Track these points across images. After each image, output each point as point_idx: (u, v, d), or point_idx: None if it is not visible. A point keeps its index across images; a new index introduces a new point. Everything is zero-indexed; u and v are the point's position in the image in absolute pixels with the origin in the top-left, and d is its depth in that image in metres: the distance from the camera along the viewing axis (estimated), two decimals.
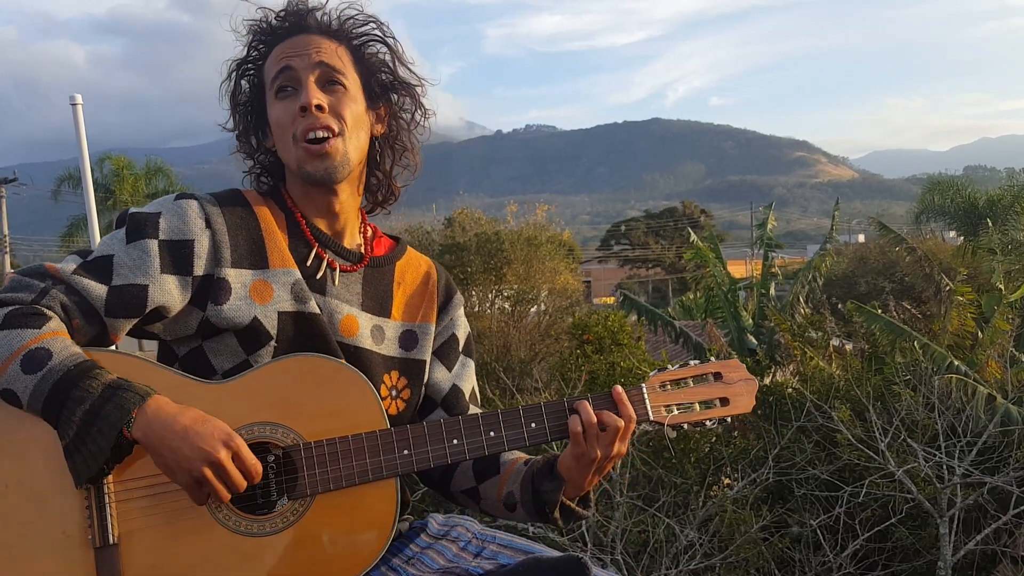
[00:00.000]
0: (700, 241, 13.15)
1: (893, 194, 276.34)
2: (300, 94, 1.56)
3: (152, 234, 1.50)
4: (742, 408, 1.65)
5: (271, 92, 1.59)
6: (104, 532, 1.40)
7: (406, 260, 1.75)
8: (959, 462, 6.69)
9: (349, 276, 1.65)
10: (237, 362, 1.53)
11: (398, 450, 1.51)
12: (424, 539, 1.66)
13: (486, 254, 15.38)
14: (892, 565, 6.99)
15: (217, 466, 1.37)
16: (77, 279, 1.46)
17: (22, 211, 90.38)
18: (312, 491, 1.47)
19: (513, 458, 1.71)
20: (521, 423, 1.56)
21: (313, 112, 1.54)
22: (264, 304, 1.54)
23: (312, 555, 1.47)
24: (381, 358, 1.65)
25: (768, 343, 11.76)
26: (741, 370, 1.67)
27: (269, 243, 1.57)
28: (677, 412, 1.62)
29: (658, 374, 1.65)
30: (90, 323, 1.46)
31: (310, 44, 1.58)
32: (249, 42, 1.62)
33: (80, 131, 4.19)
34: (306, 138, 1.55)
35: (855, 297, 13.07)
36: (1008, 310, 10.05)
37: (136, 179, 24.84)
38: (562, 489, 1.59)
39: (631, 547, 6.05)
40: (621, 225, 54.26)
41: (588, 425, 1.53)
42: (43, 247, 40.88)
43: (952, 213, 19.86)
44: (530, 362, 11.89)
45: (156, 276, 1.48)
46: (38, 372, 1.36)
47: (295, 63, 1.56)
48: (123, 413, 1.35)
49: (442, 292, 1.77)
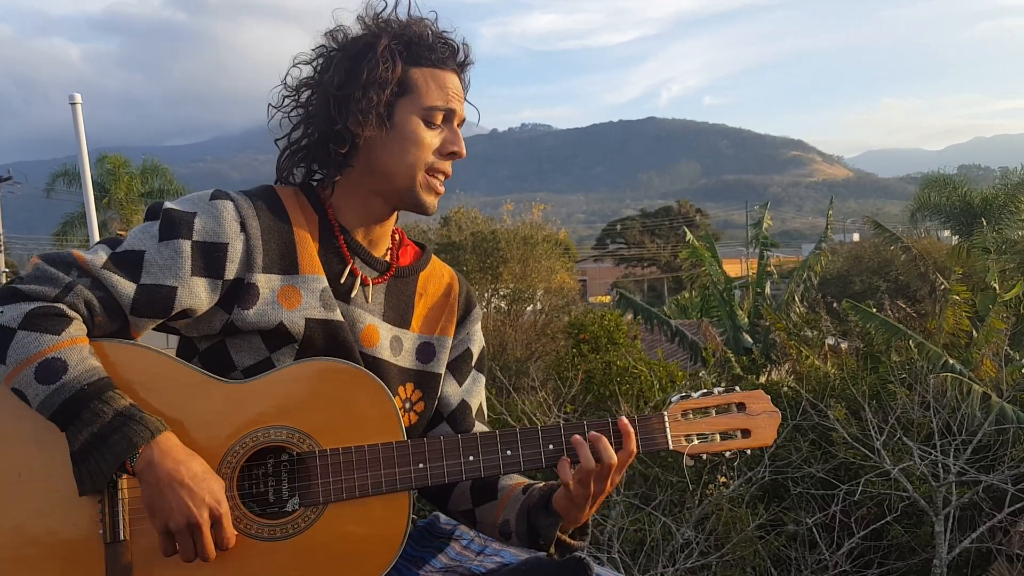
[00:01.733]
0: (696, 240, 13.17)
1: (888, 193, 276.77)
2: (452, 136, 1.60)
3: (186, 234, 1.47)
4: (763, 441, 1.62)
5: (420, 110, 1.58)
6: (115, 528, 1.40)
7: (430, 270, 1.73)
8: (954, 460, 6.71)
9: (376, 287, 1.64)
10: (259, 359, 1.52)
11: (414, 463, 1.50)
12: (427, 538, 1.67)
13: (482, 253, 15.38)
14: (888, 563, 7.01)
15: (195, 528, 1.37)
16: (106, 274, 1.43)
17: (17, 209, 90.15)
18: (325, 499, 1.46)
19: (511, 484, 1.69)
20: (539, 443, 1.54)
21: (453, 162, 1.62)
22: (292, 309, 1.53)
23: (321, 563, 1.46)
24: (397, 369, 1.64)
25: (764, 342, 11.78)
26: (765, 401, 1.64)
27: (300, 248, 1.55)
28: (697, 442, 1.59)
29: (681, 401, 1.62)
30: (113, 320, 1.45)
31: (461, 90, 1.63)
32: (390, 44, 1.57)
33: (79, 130, 4.19)
34: (437, 178, 1.61)
35: (850, 296, 13.10)
36: (1003, 309, 10.09)
37: (132, 177, 24.77)
38: (558, 526, 1.57)
39: (628, 546, 6.07)
40: (617, 224, 54.25)
41: (584, 470, 1.50)
42: (38, 246, 40.75)
43: (947, 212, 19.91)
44: (526, 361, 11.89)
45: (186, 278, 1.46)
46: (51, 384, 1.35)
47: (457, 107, 1.61)
48: (130, 446, 1.34)
49: (462, 305, 1.76)
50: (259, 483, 1.49)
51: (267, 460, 1.49)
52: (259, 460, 1.49)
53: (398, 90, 1.56)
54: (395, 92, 1.56)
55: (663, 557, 5.93)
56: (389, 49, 1.56)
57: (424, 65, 1.58)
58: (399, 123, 1.57)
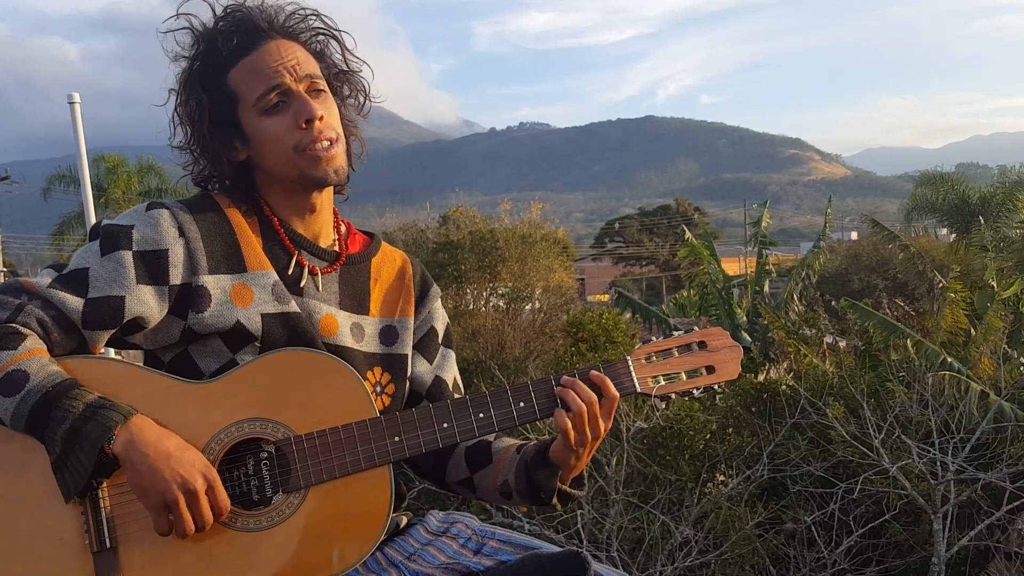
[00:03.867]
0: (694, 239, 13.18)
1: (886, 192, 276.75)
2: (297, 107, 1.55)
3: (126, 245, 1.50)
4: (728, 375, 1.66)
5: (255, 108, 1.55)
6: (101, 537, 1.41)
7: (381, 256, 1.75)
8: (952, 459, 6.72)
9: (327, 276, 1.65)
10: (223, 362, 1.54)
11: (389, 437, 1.51)
12: (424, 536, 1.67)
13: (481, 252, 15.36)
14: (886, 561, 7.02)
15: (192, 495, 1.38)
16: (53, 293, 1.46)
17: (15, 209, 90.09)
18: (306, 483, 1.48)
19: (505, 446, 1.72)
20: (510, 403, 1.57)
21: (317, 123, 1.55)
22: (246, 307, 1.55)
23: (310, 546, 1.47)
24: (363, 355, 1.65)
25: (762, 340, 11.79)
26: (725, 337, 1.67)
27: (244, 246, 1.58)
28: (664, 383, 1.63)
29: (643, 346, 1.66)
30: (69, 336, 1.47)
31: (287, 54, 1.56)
32: (200, 51, 1.58)
33: (78, 130, 4.18)
34: (313, 148, 1.55)
35: (848, 294, 13.11)
36: (1001, 307, 10.11)
37: (128, 177, 24.75)
38: (557, 475, 1.62)
39: (627, 544, 6.07)
40: (615, 223, 54.23)
41: (576, 415, 1.55)
42: (36, 245, 40.74)
43: (944, 210, 19.92)
44: (525, 360, 11.89)
45: (132, 287, 1.49)
46: (16, 395, 1.37)
47: (286, 79, 1.55)
48: (104, 431, 1.35)
49: (418, 285, 1.78)
50: (240, 480, 1.50)
51: (244, 454, 1.50)
52: (236, 455, 1.50)
53: (228, 106, 1.57)
54: (226, 110, 1.57)
55: (662, 555, 5.93)
56: (189, 83, 1.58)
57: (237, 61, 1.57)
58: (248, 130, 1.57)
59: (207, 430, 1.47)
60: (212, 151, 1.61)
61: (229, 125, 1.58)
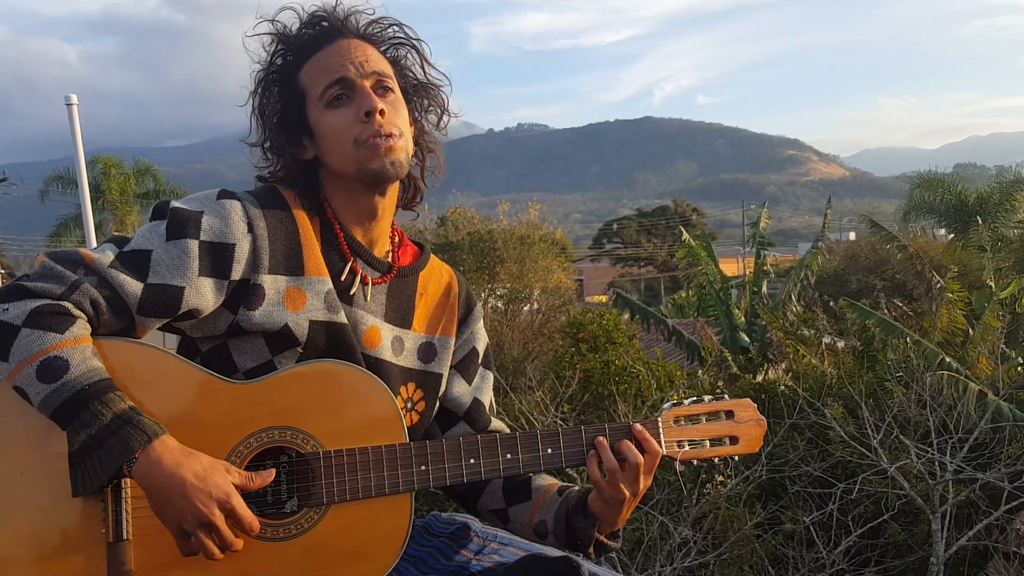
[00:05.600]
0: (692, 239, 13.18)
1: (884, 192, 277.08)
2: (359, 100, 1.54)
3: (194, 234, 1.47)
4: (750, 448, 1.70)
5: (320, 102, 1.56)
6: (118, 528, 1.40)
7: (429, 270, 1.73)
8: (951, 458, 6.73)
9: (377, 287, 1.64)
10: (261, 362, 1.52)
11: (416, 465, 1.51)
12: (426, 538, 1.67)
13: (479, 253, 15.37)
14: (885, 561, 7.03)
15: (209, 527, 1.36)
16: (113, 273, 1.42)
17: (13, 211, 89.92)
18: (328, 500, 1.47)
19: (546, 485, 1.72)
20: (538, 447, 1.58)
21: (378, 117, 1.54)
22: (297, 311, 1.53)
23: (324, 563, 1.47)
24: (399, 370, 1.64)
25: (760, 341, 11.79)
26: (752, 409, 1.71)
27: (306, 249, 1.56)
28: (688, 448, 1.65)
29: (673, 408, 1.68)
30: (119, 319, 1.44)
31: (356, 51, 1.57)
32: (277, 50, 1.60)
33: (76, 132, 4.17)
34: (373, 140, 1.54)
35: (846, 295, 13.11)
36: (998, 307, 10.12)
37: (126, 178, 24.73)
38: (595, 527, 1.61)
39: (625, 545, 6.07)
40: (613, 224, 54.26)
41: (609, 471, 1.55)
42: (34, 247, 40.69)
43: (942, 211, 19.94)
44: (523, 360, 11.89)
45: (193, 278, 1.46)
46: (52, 383, 1.33)
47: (350, 73, 1.55)
48: (126, 450, 1.33)
49: (463, 304, 1.77)
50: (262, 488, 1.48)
51: (267, 462, 1.49)
52: (262, 461, 1.49)
53: (297, 103, 1.58)
54: (296, 107, 1.58)
55: (661, 556, 5.93)
56: (265, 81, 1.60)
57: (306, 60, 1.58)
58: (316, 127, 1.58)
59: (236, 433, 1.46)
60: (282, 148, 1.60)
61: (298, 122, 1.59)
